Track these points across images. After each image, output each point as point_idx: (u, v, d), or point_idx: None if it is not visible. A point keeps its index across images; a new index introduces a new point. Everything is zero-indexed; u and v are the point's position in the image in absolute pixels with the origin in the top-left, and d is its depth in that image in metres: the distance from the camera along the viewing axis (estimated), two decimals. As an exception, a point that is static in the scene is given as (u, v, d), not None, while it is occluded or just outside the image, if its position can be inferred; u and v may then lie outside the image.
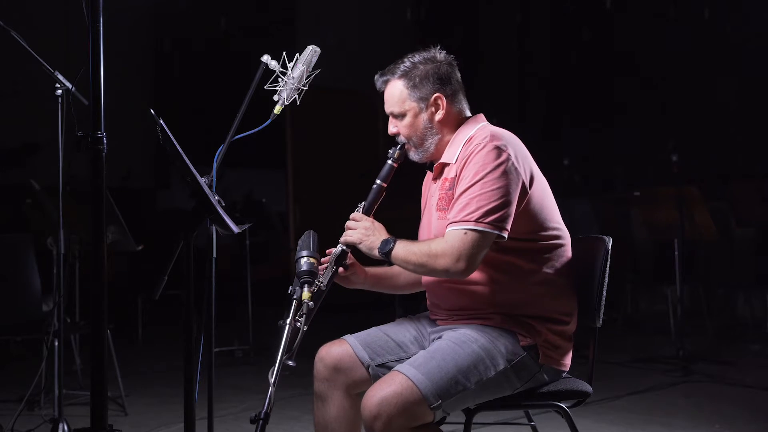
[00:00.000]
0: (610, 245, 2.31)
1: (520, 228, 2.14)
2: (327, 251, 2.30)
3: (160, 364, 5.40)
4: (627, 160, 8.30)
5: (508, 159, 2.11)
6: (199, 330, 2.17)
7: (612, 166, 8.52)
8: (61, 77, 2.97)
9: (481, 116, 2.34)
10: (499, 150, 2.12)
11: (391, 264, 2.22)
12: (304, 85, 2.31)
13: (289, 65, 2.30)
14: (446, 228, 2.12)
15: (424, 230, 2.38)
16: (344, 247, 2.27)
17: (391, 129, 2.33)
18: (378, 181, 2.31)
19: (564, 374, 2.26)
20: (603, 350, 5.09)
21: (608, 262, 2.31)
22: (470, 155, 2.15)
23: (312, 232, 2.22)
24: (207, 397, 2.28)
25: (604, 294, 2.29)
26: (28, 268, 4.12)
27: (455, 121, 2.30)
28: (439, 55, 2.32)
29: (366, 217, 2.27)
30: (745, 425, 3.77)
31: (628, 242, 6.79)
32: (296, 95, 2.31)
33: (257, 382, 4.74)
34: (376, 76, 2.33)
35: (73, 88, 2.93)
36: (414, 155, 2.33)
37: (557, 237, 2.24)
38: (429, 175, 2.43)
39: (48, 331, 3.59)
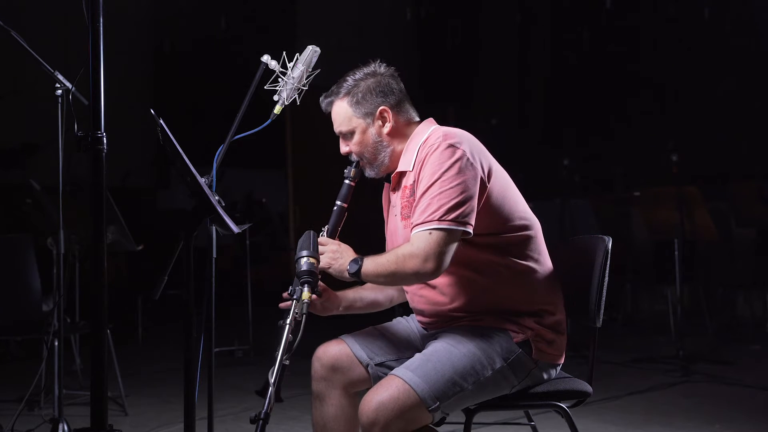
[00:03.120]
0: (610, 245, 2.31)
1: (486, 223, 2.14)
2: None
3: (160, 364, 5.40)
4: (627, 160, 8.30)
5: (463, 155, 2.10)
6: (199, 330, 2.17)
7: (612, 166, 8.53)
8: (61, 77, 2.97)
9: (431, 120, 2.33)
10: (453, 148, 2.11)
11: (363, 283, 2.20)
12: (304, 85, 2.31)
13: (289, 65, 2.30)
14: (411, 232, 2.11)
15: (390, 241, 2.37)
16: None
17: (343, 149, 2.32)
18: (338, 202, 2.30)
19: (559, 368, 2.26)
20: (603, 350, 5.12)
21: (608, 262, 2.30)
22: (425, 157, 2.14)
23: (312, 232, 2.21)
24: (207, 397, 2.28)
25: (604, 294, 2.29)
26: (28, 268, 4.12)
27: (405, 130, 2.29)
28: (380, 68, 2.30)
29: (332, 240, 2.24)
30: (745, 425, 3.77)
31: (628, 242, 6.79)
32: (296, 95, 2.31)
33: (257, 382, 4.73)
34: (321, 98, 2.32)
35: (73, 88, 2.93)
36: (369, 172, 2.31)
37: (525, 227, 2.22)
38: (387, 186, 2.42)
39: (48, 331, 3.59)
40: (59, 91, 2.98)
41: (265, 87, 2.30)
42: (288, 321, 1.98)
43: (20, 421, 3.56)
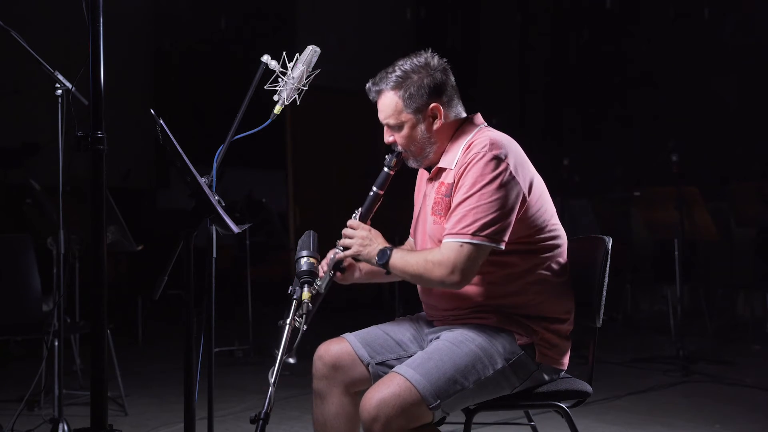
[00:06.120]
0: (610, 245, 2.31)
1: (519, 232, 2.14)
2: (327, 255, 2.29)
3: (160, 364, 5.40)
4: (627, 160, 8.30)
5: (506, 169, 2.09)
6: (199, 330, 2.17)
7: (612, 166, 8.52)
8: (61, 77, 2.97)
9: (479, 116, 2.31)
10: (498, 160, 2.09)
11: (388, 272, 2.21)
12: (304, 85, 2.31)
13: (289, 65, 2.30)
14: (443, 237, 2.12)
15: (418, 230, 2.37)
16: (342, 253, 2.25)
17: (387, 138, 2.29)
18: (374, 189, 2.29)
19: (562, 373, 2.26)
20: (603, 350, 5.12)
21: (608, 262, 2.31)
22: (469, 164, 2.12)
23: (312, 232, 2.22)
24: (207, 397, 2.28)
25: (604, 294, 2.29)
26: (28, 268, 4.12)
27: (453, 126, 2.26)
28: (433, 61, 2.24)
29: (363, 224, 2.25)
30: (745, 425, 3.77)
31: (628, 242, 6.79)
32: (296, 95, 2.31)
33: (257, 382, 4.73)
34: (368, 85, 2.27)
35: (73, 88, 2.93)
36: (413, 163, 2.31)
37: (555, 238, 2.24)
38: (423, 172, 2.40)
39: (48, 331, 3.59)
40: (59, 91, 2.99)
41: (265, 87, 2.30)
42: (288, 321, 1.99)
43: (20, 421, 3.56)
